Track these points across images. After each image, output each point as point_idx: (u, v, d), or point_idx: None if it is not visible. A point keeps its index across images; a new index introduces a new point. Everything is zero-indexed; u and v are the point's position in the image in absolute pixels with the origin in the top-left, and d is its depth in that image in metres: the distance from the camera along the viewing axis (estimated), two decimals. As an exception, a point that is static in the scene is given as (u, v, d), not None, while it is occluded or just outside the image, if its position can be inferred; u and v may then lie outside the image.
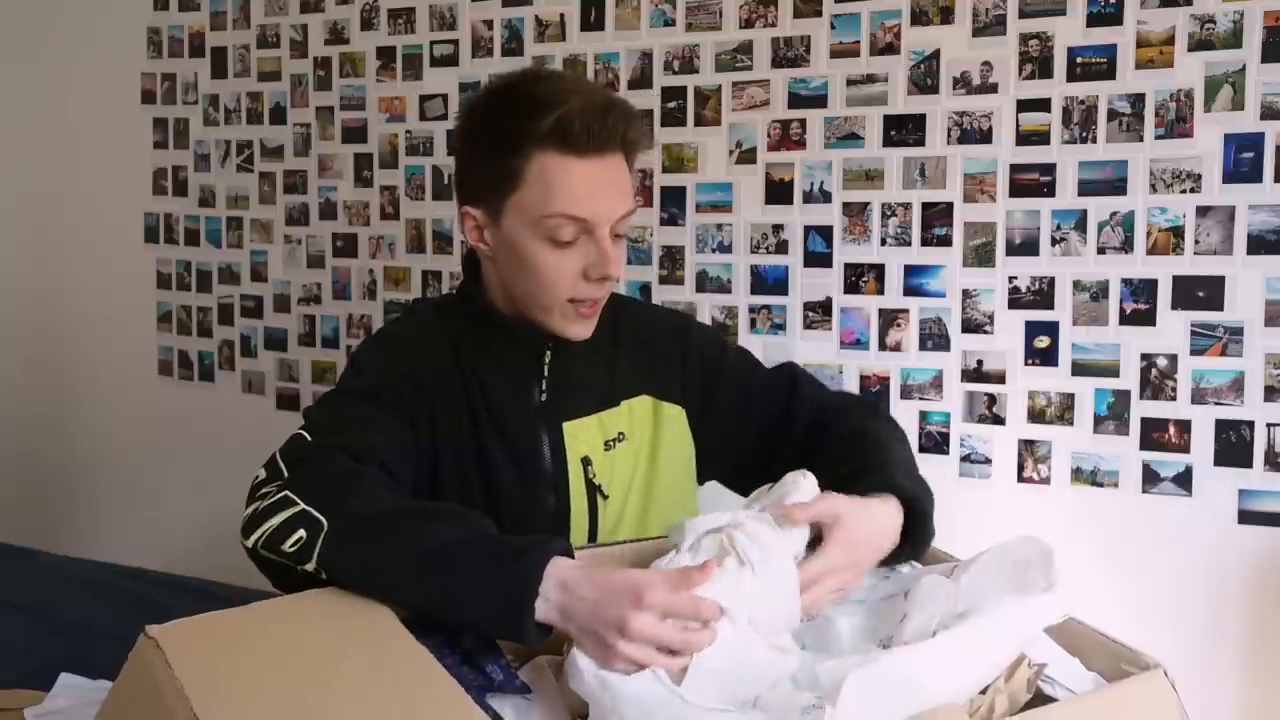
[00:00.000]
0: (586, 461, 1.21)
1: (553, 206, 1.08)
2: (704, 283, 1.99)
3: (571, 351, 1.21)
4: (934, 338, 1.84)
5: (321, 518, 0.91)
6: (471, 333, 1.21)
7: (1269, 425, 1.66)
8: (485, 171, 1.13)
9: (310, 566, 0.91)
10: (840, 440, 1.14)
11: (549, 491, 1.20)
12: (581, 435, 1.21)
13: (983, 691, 0.80)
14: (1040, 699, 0.82)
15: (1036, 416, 1.78)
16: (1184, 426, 1.70)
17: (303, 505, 0.93)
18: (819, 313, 1.91)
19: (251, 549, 0.96)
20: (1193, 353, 1.69)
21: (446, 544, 0.88)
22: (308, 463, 1.00)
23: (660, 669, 0.78)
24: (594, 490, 1.21)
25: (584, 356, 1.23)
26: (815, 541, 0.93)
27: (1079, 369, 1.76)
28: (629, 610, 0.78)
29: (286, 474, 1.00)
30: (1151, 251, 1.70)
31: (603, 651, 0.80)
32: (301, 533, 0.91)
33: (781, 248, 1.93)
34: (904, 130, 1.84)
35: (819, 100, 1.89)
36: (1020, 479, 1.80)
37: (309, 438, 1.05)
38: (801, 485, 0.95)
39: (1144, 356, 1.72)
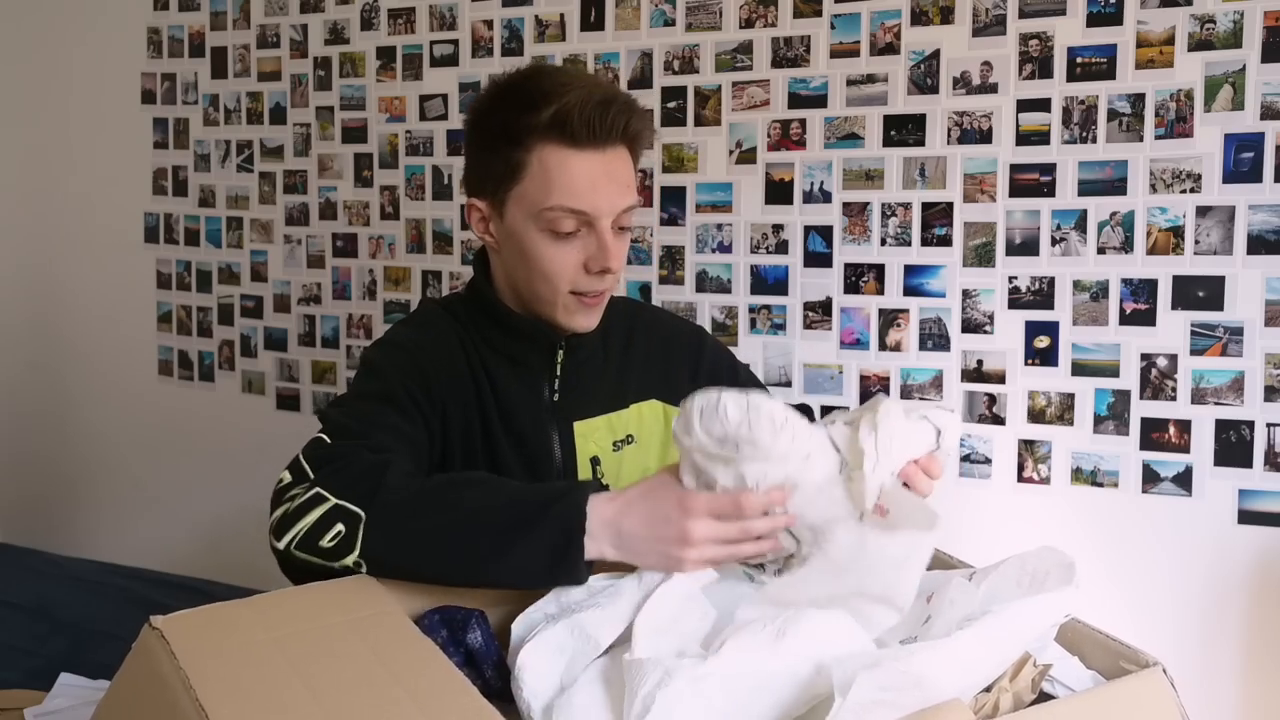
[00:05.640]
0: (595, 461, 1.21)
1: (552, 199, 1.09)
2: (704, 283, 1.99)
3: (584, 352, 1.21)
4: (934, 338, 1.84)
5: (357, 509, 0.92)
6: (483, 330, 1.21)
7: (1269, 425, 1.66)
8: (489, 164, 1.14)
9: (350, 560, 0.91)
10: None
11: None
12: (591, 435, 1.22)
13: (987, 689, 0.80)
14: (1040, 697, 0.82)
15: (1036, 416, 1.79)
16: (1184, 426, 1.70)
17: (335, 500, 0.94)
18: (819, 313, 1.91)
19: (284, 551, 0.95)
20: (1193, 353, 1.69)
21: (487, 507, 0.92)
22: (334, 461, 1.00)
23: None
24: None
25: (596, 357, 1.24)
26: None
27: (1079, 369, 1.76)
28: (684, 521, 0.83)
29: (313, 474, 0.99)
30: (1151, 251, 1.70)
31: (673, 566, 0.86)
32: (340, 526, 0.91)
33: (781, 248, 1.93)
34: (904, 130, 1.84)
35: (819, 100, 1.89)
36: (1020, 479, 1.80)
37: (330, 440, 1.05)
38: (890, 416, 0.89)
39: (1144, 356, 1.72)
